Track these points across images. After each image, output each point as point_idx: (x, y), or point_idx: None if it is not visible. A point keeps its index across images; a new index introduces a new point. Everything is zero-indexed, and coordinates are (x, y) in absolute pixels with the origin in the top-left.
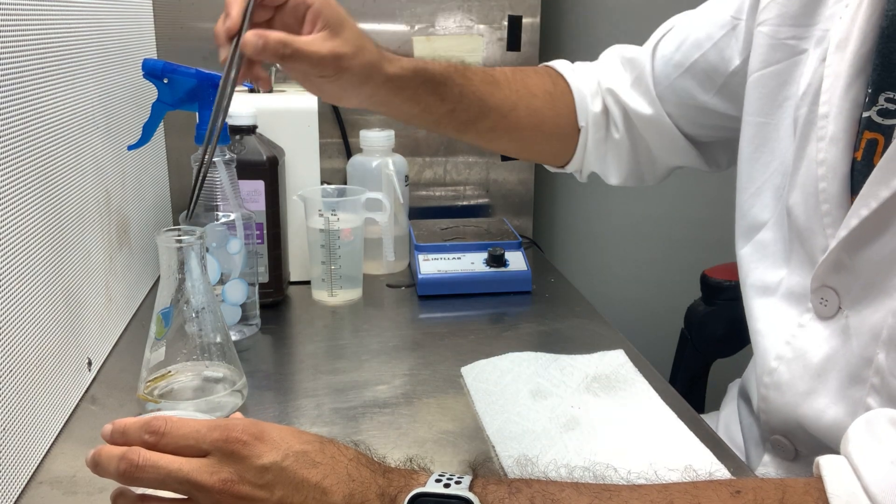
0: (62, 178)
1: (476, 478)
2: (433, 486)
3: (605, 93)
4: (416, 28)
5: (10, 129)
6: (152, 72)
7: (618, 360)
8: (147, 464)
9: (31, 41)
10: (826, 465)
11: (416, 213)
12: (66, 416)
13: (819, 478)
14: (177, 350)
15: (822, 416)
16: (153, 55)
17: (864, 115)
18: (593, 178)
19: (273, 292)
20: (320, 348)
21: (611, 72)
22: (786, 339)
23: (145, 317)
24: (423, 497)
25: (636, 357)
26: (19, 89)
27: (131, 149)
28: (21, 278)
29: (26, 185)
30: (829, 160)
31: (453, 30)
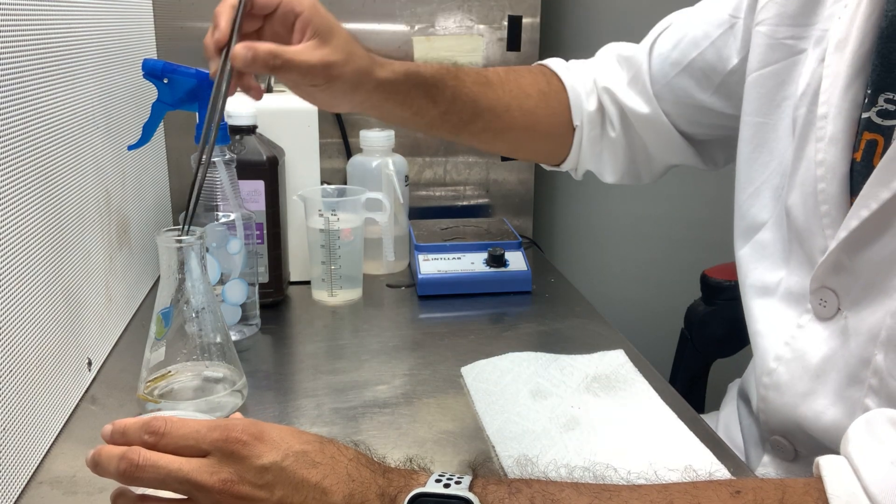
0: (62, 178)
1: (476, 478)
2: (433, 486)
3: (602, 91)
4: (416, 28)
5: (10, 129)
6: (152, 72)
7: (618, 360)
8: (147, 463)
9: (31, 41)
10: (826, 466)
11: (416, 213)
12: (66, 416)
13: (819, 478)
14: (177, 350)
15: (820, 416)
16: (153, 55)
17: (864, 116)
18: (593, 178)
19: (273, 292)
20: (320, 348)
21: (607, 70)
22: (785, 340)
23: (145, 317)
24: (423, 497)
25: (636, 357)
26: (19, 89)
27: (131, 149)
28: (21, 278)
29: (26, 185)
30: (828, 161)
31: (453, 30)
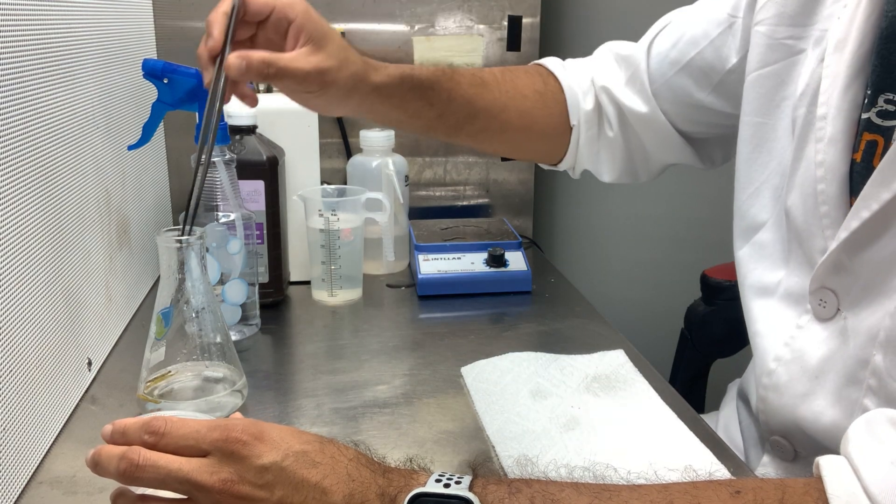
0: (62, 178)
1: (476, 478)
2: (433, 486)
3: (600, 91)
4: (416, 28)
5: (10, 129)
6: (152, 72)
7: (618, 360)
8: (147, 463)
9: (31, 41)
10: (826, 466)
11: (416, 213)
12: (66, 416)
13: (819, 478)
14: (177, 350)
15: (820, 417)
16: (153, 55)
17: (864, 117)
18: (593, 178)
19: (273, 292)
20: (320, 348)
21: (605, 69)
22: (784, 341)
23: (145, 317)
24: (423, 497)
25: (636, 357)
26: (19, 89)
27: (131, 149)
28: (21, 278)
29: (26, 185)
30: (827, 161)
31: (453, 30)
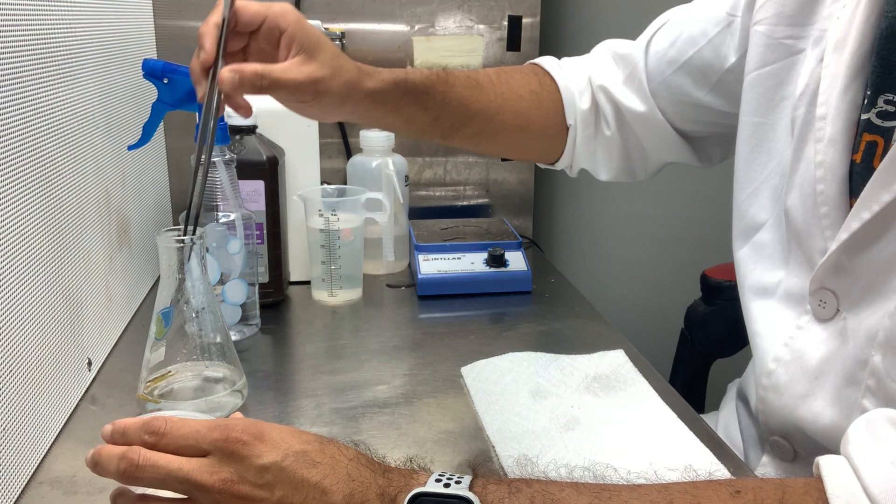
0: (62, 178)
1: (476, 477)
2: (433, 486)
3: (597, 90)
4: (416, 28)
5: (10, 129)
6: (152, 72)
7: (618, 360)
8: (147, 463)
9: (31, 41)
10: (826, 466)
11: (416, 213)
12: (66, 416)
13: (819, 478)
14: (177, 350)
15: (819, 418)
16: (153, 55)
17: (863, 118)
18: (593, 178)
19: (273, 292)
20: (320, 348)
21: (602, 68)
22: (784, 341)
23: (145, 317)
24: (423, 497)
25: (636, 357)
26: (19, 89)
27: (131, 149)
28: (21, 278)
29: (26, 185)
30: (827, 162)
31: (453, 30)
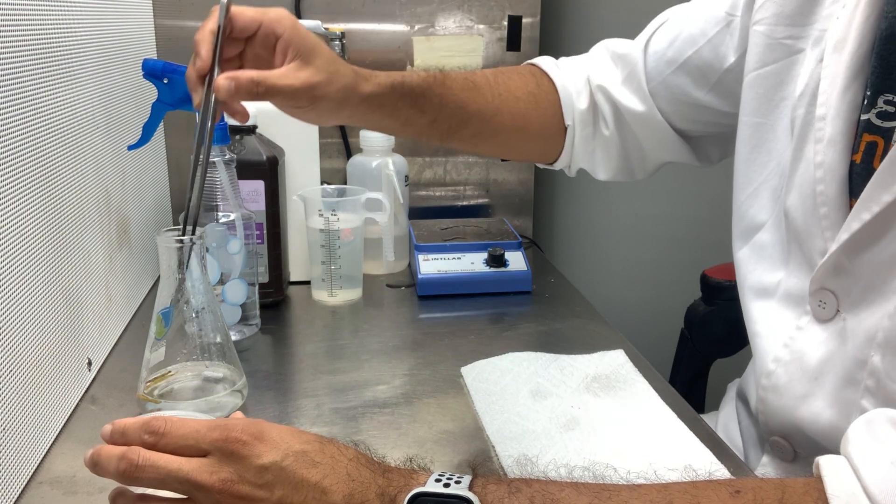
0: (62, 178)
1: (476, 477)
2: (433, 486)
3: (596, 90)
4: (416, 28)
5: (10, 129)
6: (152, 72)
7: (618, 360)
8: (147, 463)
9: (31, 41)
10: (826, 466)
11: (416, 213)
12: (66, 416)
13: (819, 478)
14: (177, 350)
15: (818, 418)
16: (153, 55)
17: (863, 118)
18: (593, 178)
19: (273, 292)
20: (320, 348)
21: (601, 68)
22: (783, 342)
23: (145, 317)
24: (422, 496)
25: (636, 357)
26: (19, 89)
27: (131, 149)
28: (21, 278)
29: (26, 185)
30: (827, 162)
31: (453, 30)
